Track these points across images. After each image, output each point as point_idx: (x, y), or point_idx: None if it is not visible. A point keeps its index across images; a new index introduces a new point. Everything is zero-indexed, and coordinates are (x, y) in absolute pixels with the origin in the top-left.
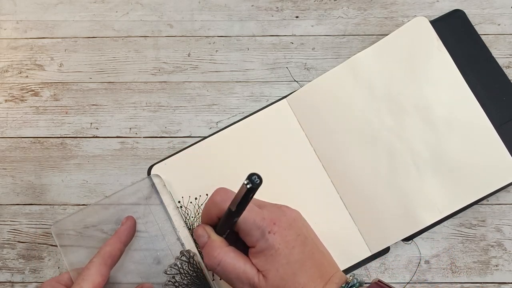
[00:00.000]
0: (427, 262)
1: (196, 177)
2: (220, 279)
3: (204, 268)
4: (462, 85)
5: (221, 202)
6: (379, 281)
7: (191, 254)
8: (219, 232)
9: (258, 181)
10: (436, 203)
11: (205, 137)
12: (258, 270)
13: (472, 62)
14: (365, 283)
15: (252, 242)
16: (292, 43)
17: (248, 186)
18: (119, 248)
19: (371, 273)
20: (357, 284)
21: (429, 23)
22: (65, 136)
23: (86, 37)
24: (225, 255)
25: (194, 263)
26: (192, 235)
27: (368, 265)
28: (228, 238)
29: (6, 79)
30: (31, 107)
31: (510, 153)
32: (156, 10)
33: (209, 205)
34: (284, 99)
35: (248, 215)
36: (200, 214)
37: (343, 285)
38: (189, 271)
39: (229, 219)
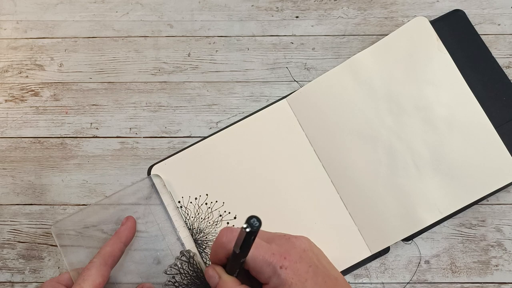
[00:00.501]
0: (427, 262)
1: (196, 177)
2: None
3: (204, 268)
4: (462, 85)
5: (228, 243)
6: None
7: (191, 254)
8: (229, 272)
9: (258, 224)
10: (436, 203)
11: (205, 137)
12: None
13: (472, 62)
14: None
15: (264, 279)
16: (292, 43)
17: (247, 230)
18: (119, 248)
19: (371, 273)
20: None
21: (429, 23)
22: (65, 136)
23: (86, 37)
24: None
25: (194, 263)
26: (192, 235)
27: (368, 265)
28: (240, 275)
29: (6, 79)
30: (31, 107)
31: (510, 153)
32: (156, 10)
33: (215, 246)
34: (284, 99)
35: (257, 253)
36: (200, 214)
37: None
38: (189, 271)
39: (237, 260)
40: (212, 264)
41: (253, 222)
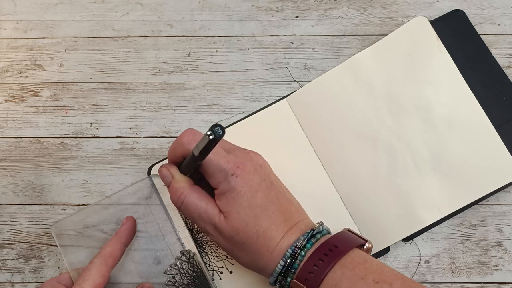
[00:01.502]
0: (427, 262)
1: None
2: (220, 279)
3: (204, 268)
4: (462, 85)
5: (187, 143)
6: (348, 230)
7: (191, 254)
8: (183, 171)
9: (221, 133)
10: (436, 203)
11: None
12: (220, 210)
13: (472, 62)
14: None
15: (215, 184)
16: (292, 43)
17: (210, 137)
18: (119, 249)
19: None
20: (324, 232)
21: (429, 23)
22: (65, 136)
23: (86, 37)
24: (188, 195)
25: (194, 263)
26: (192, 235)
27: None
28: (194, 177)
29: (6, 79)
30: (31, 107)
31: (510, 153)
32: (156, 10)
33: (175, 144)
34: (284, 99)
35: (213, 158)
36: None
37: (308, 231)
38: (189, 271)
39: (193, 162)
40: (167, 163)
41: (217, 131)
